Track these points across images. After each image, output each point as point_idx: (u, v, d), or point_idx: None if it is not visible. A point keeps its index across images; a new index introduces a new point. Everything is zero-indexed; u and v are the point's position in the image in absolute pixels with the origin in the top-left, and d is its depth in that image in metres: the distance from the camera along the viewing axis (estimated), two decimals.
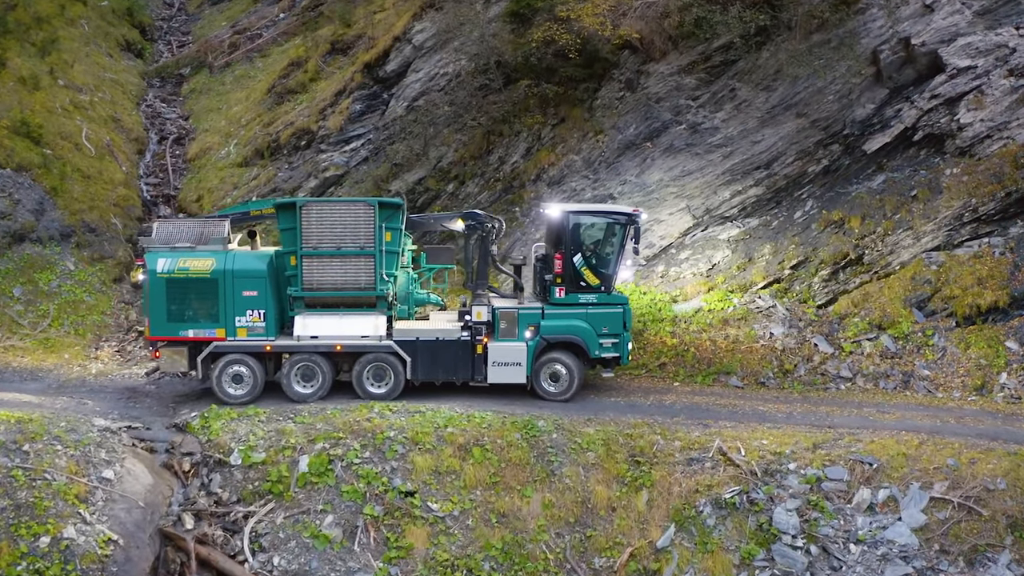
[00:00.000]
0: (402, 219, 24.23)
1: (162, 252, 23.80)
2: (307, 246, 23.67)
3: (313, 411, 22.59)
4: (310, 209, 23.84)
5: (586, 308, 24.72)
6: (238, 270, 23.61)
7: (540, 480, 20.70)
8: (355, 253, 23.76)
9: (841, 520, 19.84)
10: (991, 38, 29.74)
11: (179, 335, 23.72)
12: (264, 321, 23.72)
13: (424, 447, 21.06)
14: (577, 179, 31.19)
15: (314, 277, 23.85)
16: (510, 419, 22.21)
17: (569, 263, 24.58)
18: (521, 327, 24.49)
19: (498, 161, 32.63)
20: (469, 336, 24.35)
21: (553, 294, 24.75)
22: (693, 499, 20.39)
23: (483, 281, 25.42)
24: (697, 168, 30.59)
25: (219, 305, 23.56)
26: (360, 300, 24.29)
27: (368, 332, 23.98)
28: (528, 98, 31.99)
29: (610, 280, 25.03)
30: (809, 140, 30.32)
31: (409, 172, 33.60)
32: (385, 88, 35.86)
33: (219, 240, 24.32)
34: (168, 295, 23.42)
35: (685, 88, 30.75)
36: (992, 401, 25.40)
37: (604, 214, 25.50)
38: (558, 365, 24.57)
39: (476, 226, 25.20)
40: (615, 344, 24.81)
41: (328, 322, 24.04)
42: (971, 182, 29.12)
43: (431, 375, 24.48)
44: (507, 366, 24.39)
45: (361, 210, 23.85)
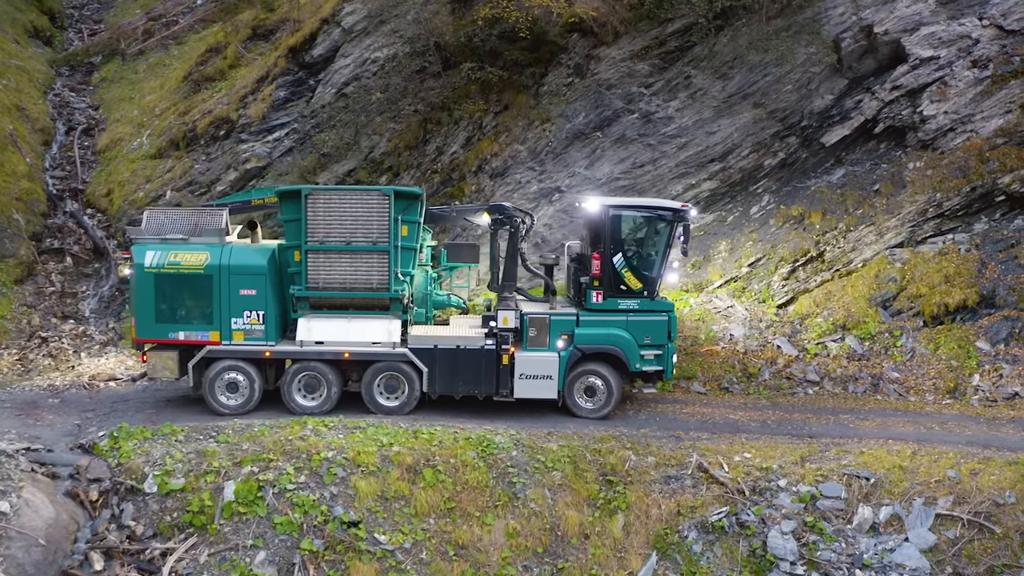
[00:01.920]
0: (420, 211, 21.15)
1: (151, 244, 21.08)
2: (313, 240, 20.72)
3: (238, 429, 19.27)
4: (317, 198, 20.81)
5: (626, 315, 21.49)
6: (235, 266, 20.82)
7: (502, 505, 17.69)
8: (367, 249, 20.77)
9: (843, 543, 17.29)
10: (954, 28, 27.81)
11: (168, 337, 20.98)
12: (263, 324, 20.93)
13: (367, 469, 17.88)
14: (522, 171, 28.31)
15: (320, 275, 20.90)
16: (463, 435, 19.17)
17: (608, 264, 21.38)
18: (553, 335, 21.35)
19: (436, 151, 29.55)
20: (494, 344, 21.24)
21: (589, 299, 21.53)
22: (675, 523, 17.66)
23: (510, 283, 22.13)
24: (650, 160, 27.97)
25: (213, 305, 20.82)
26: (372, 302, 21.34)
27: (380, 338, 21.01)
28: (469, 83, 28.92)
29: (654, 284, 21.78)
30: (766, 132, 27.95)
31: (338, 163, 30.36)
32: (311, 74, 32.46)
33: (215, 232, 21.46)
34: (157, 292, 20.73)
35: (638, 75, 28.06)
36: (968, 404, 23.41)
37: (648, 209, 22.13)
38: (594, 378, 21.45)
39: (503, 221, 21.95)
40: (658, 356, 21.59)
41: (335, 326, 21.11)
42: (935, 176, 27.05)
43: (450, 388, 21.38)
44: (536, 379, 21.24)
45: (375, 200, 20.76)
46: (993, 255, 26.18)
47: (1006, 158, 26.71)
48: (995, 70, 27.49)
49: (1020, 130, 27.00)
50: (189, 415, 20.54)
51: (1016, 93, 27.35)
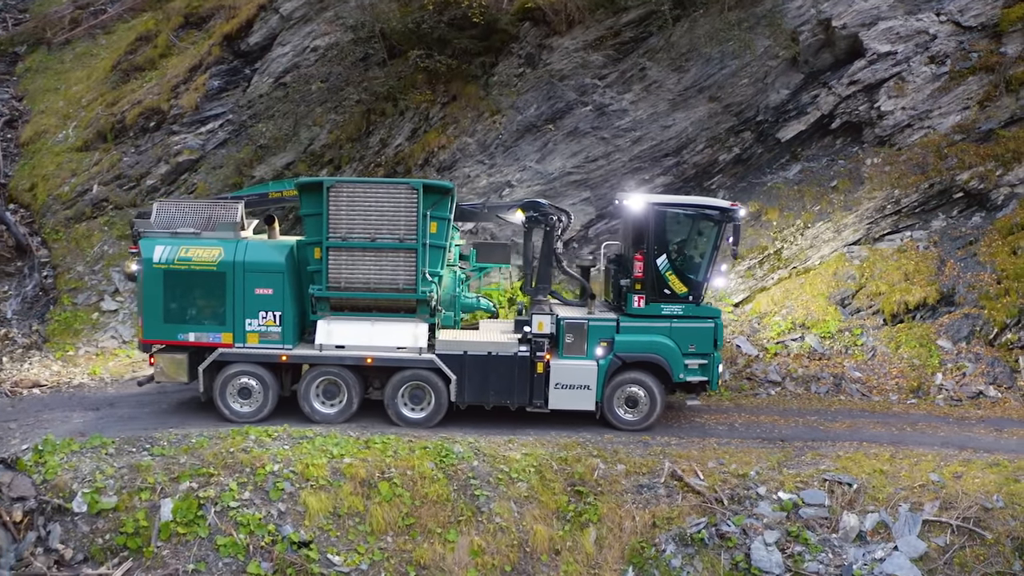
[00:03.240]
0: (451, 207, 19.26)
1: (161, 238, 19.27)
2: (335, 236, 18.87)
3: (174, 440, 17.26)
4: (340, 191, 18.88)
5: (670, 321, 19.67)
6: (250, 263, 18.96)
7: (465, 520, 16.01)
8: (393, 246, 18.92)
9: (829, 553, 15.96)
10: (912, 23, 26.74)
11: (178, 339, 19.09)
12: (280, 325, 19.06)
13: (317, 484, 16.07)
14: (471, 164, 26.52)
15: (342, 274, 19.03)
16: (418, 444, 17.43)
17: (651, 266, 19.60)
18: (591, 342, 19.52)
19: (379, 143, 27.61)
20: (528, 351, 19.37)
21: (631, 303, 19.71)
22: (651, 535, 16.16)
23: (545, 285, 20.45)
24: (603, 154, 26.36)
25: (226, 304, 18.96)
26: (397, 303, 19.42)
27: (406, 343, 19.15)
28: (416, 72, 27.06)
29: (700, 288, 19.96)
30: (721, 126, 26.56)
31: (276, 155, 28.29)
32: (248, 63, 30.39)
33: (230, 226, 19.63)
34: (166, 290, 18.89)
35: (591, 66, 26.42)
36: (934, 404, 22.47)
37: (695, 207, 20.29)
38: (636, 388, 19.64)
39: (539, 219, 20.13)
40: (703, 366, 19.77)
41: (357, 329, 19.24)
42: (893, 172, 26.04)
43: (480, 397, 19.49)
44: (573, 389, 19.40)
45: (402, 194, 18.88)
46: (952, 252, 25.22)
47: (964, 155, 25.81)
48: (953, 66, 26.51)
49: (978, 127, 26.12)
50: (120, 425, 18.52)
51: (974, 89, 26.42)
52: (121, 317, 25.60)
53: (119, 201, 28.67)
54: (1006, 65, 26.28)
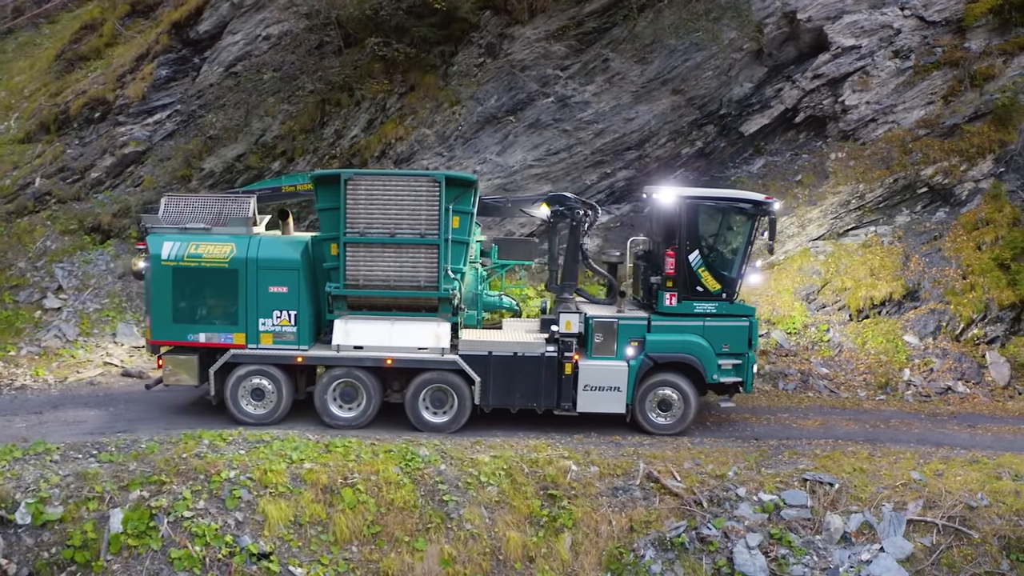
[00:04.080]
0: (474, 201, 18.05)
1: (169, 234, 18.10)
2: (353, 231, 17.71)
3: (122, 446, 15.86)
4: (358, 184, 17.71)
5: (703, 320, 18.58)
6: (264, 259, 17.83)
7: (434, 527, 14.84)
8: (414, 242, 17.78)
9: (814, 556, 15.08)
10: (876, 17, 26.13)
11: (187, 339, 17.95)
12: (295, 325, 17.94)
13: (277, 491, 14.80)
14: (429, 156, 25.39)
15: (360, 271, 17.87)
16: (382, 447, 16.24)
17: (684, 262, 18.51)
18: (621, 342, 18.39)
19: (334, 135, 26.35)
20: (556, 352, 18.22)
21: (662, 301, 18.60)
22: (629, 540, 15.16)
23: (571, 283, 19.36)
24: (565, 147, 25.40)
25: (239, 303, 17.84)
26: (418, 302, 18.29)
27: (427, 343, 18.00)
28: (373, 61, 25.86)
29: (734, 285, 18.86)
30: (684, 119, 25.72)
31: (226, 147, 26.91)
32: (197, 51, 28.89)
33: (242, 221, 18.40)
34: (175, 289, 17.74)
35: (553, 56, 25.40)
36: (903, 400, 21.92)
37: (728, 200, 19.17)
38: (668, 390, 18.55)
39: (565, 213, 19.04)
40: (737, 367, 18.73)
41: (377, 329, 18.11)
42: (858, 167, 25.37)
43: (505, 400, 18.33)
44: (602, 391, 18.25)
45: (423, 187, 17.69)
46: (917, 247, 24.64)
47: (928, 149, 25.23)
48: (917, 61, 25.91)
49: (942, 122, 25.55)
50: (65, 429, 17.19)
51: (938, 84, 25.85)
52: (65, 315, 24.07)
53: (62, 195, 27.10)
54: (970, 60, 25.76)
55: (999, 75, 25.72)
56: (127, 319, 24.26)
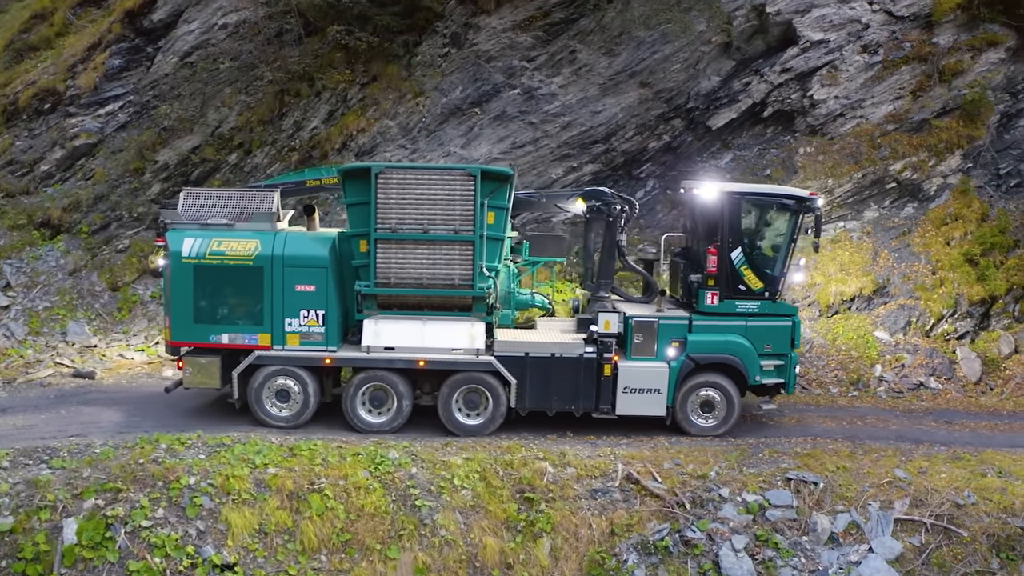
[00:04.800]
0: (509, 195, 17.15)
1: (190, 230, 17.12)
2: (383, 227, 16.87)
3: (76, 451, 14.70)
4: (389, 177, 16.81)
5: (745, 319, 17.79)
6: (290, 257, 16.91)
7: (407, 534, 13.85)
8: (447, 238, 16.92)
9: (802, 558, 14.34)
10: (845, 12, 25.47)
11: (210, 340, 17.01)
12: (323, 325, 17.01)
13: (240, 497, 13.74)
14: (392, 149, 24.38)
15: (392, 269, 17.03)
16: (349, 450, 15.22)
17: (726, 260, 17.69)
18: (661, 342, 17.56)
19: (293, 126, 25.24)
20: (595, 353, 17.29)
21: (703, 300, 17.80)
22: (611, 544, 14.29)
23: (607, 280, 18.55)
24: (531, 140, 24.50)
25: (264, 303, 16.92)
26: (451, 301, 17.44)
27: (461, 344, 17.08)
28: (334, 51, 24.75)
29: (776, 284, 18.09)
30: (651, 113, 24.91)
31: (181, 139, 25.63)
32: (150, 41, 27.50)
33: (265, 216, 17.43)
34: (196, 287, 16.81)
35: (520, 47, 24.48)
36: (876, 397, 21.42)
37: (771, 196, 18.42)
38: (710, 391, 17.76)
39: (601, 208, 18.12)
40: (779, 368, 17.99)
41: (408, 329, 17.20)
42: (827, 162, 24.69)
43: (542, 402, 17.40)
44: (642, 393, 17.39)
45: (458, 180, 16.84)
46: (886, 243, 24.11)
47: (897, 144, 24.66)
48: (886, 55, 25.30)
49: (911, 117, 25.01)
50: (14, 434, 16.08)
51: (906, 79, 25.26)
52: (13, 314, 22.74)
53: (10, 188, 25.69)
54: (939, 55, 25.21)
55: (967, 70, 25.22)
56: (78, 317, 23.06)
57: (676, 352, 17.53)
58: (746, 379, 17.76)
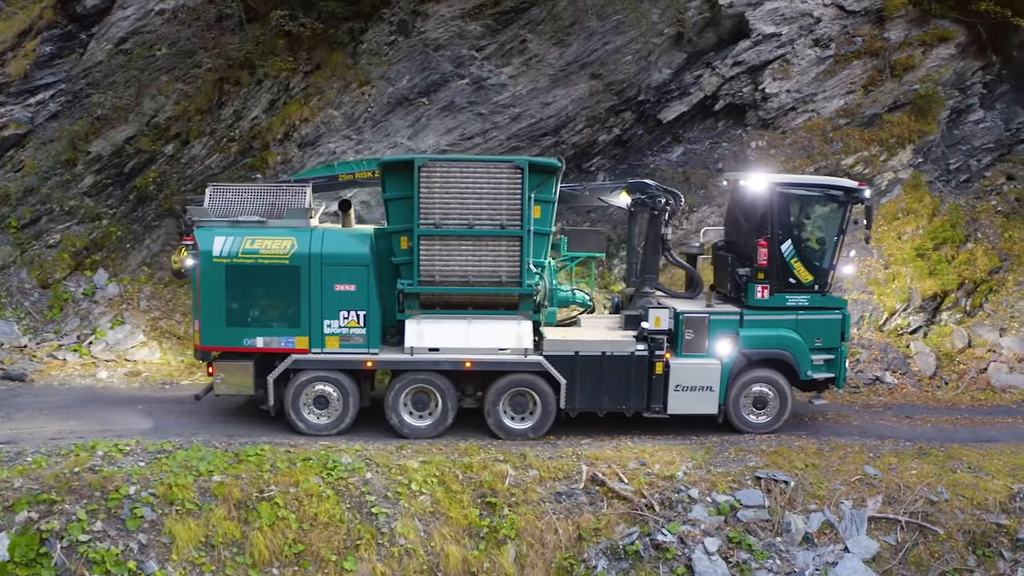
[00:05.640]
0: (555, 188, 16.20)
1: (220, 228, 15.96)
2: (427, 222, 15.81)
3: (6, 460, 13.32)
4: (433, 170, 15.75)
5: (795, 313, 17.07)
6: (330, 255, 15.81)
7: (364, 544, 12.71)
8: (494, 234, 15.90)
9: (777, 559, 13.55)
10: (797, 5, 24.75)
11: (243, 345, 15.86)
12: (365, 326, 15.91)
13: (184, 508, 12.50)
14: (336, 139, 23.07)
15: (436, 266, 15.99)
16: (299, 455, 14.00)
17: (776, 253, 16.87)
18: (713, 338, 16.72)
19: (233, 116, 23.79)
20: (646, 350, 16.40)
21: (752, 294, 16.98)
22: (579, 550, 13.33)
23: (652, 276, 17.73)
24: (480, 131, 23.36)
25: (301, 304, 15.79)
26: (496, 299, 16.43)
27: (509, 343, 16.12)
28: (276, 37, 23.37)
29: (826, 277, 17.35)
30: (602, 105, 23.89)
31: (115, 129, 24.04)
32: (84, 27, 25.81)
33: (299, 213, 16.31)
34: (228, 288, 15.67)
35: (469, 36, 23.29)
36: (833, 392, 20.04)
37: (821, 188, 17.58)
38: (763, 386, 16.98)
39: (646, 201, 17.33)
40: (828, 362, 17.26)
41: (453, 329, 16.17)
42: (779, 156, 23.93)
43: (593, 403, 16.46)
44: (694, 391, 16.54)
45: (504, 173, 15.78)
46: None
47: (849, 139, 24.01)
48: (838, 50, 24.66)
49: (862, 111, 24.41)
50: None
51: (858, 74, 24.65)
52: None
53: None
54: (890, 50, 24.65)
55: (918, 65, 24.69)
56: (7, 316, 21.70)
57: (728, 348, 16.75)
58: (797, 374, 17.08)
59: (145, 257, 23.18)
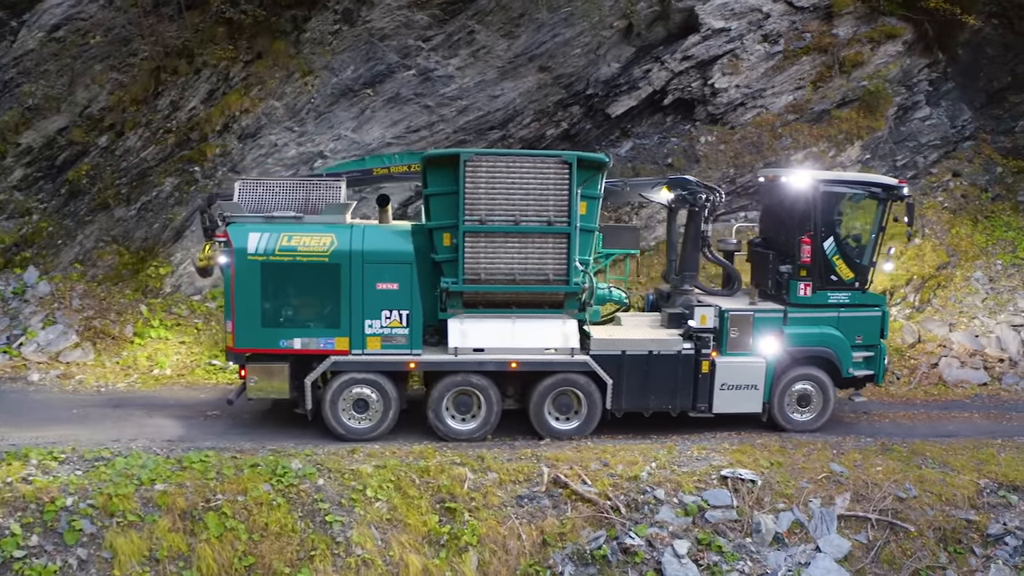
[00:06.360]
0: (601, 184, 15.44)
1: (254, 224, 14.95)
2: (472, 219, 14.93)
3: None
4: (479, 165, 14.88)
5: (837, 311, 16.62)
6: (372, 252, 14.92)
7: (319, 554, 11.70)
8: (541, 230, 15.11)
9: (748, 561, 12.89)
10: (747, 0, 23.95)
11: (280, 346, 14.89)
12: (407, 326, 15.04)
13: (125, 520, 11.38)
14: (278, 131, 21.94)
15: (481, 264, 15.13)
16: (246, 461, 12.92)
17: (819, 250, 16.45)
18: (757, 336, 16.25)
19: (170, 106, 22.47)
20: (692, 349, 15.84)
21: (794, 291, 16.51)
22: (544, 556, 12.46)
23: (692, 273, 17.22)
24: (426, 124, 22.41)
25: (341, 303, 14.87)
26: (541, 298, 15.59)
27: (555, 343, 15.38)
28: (216, 25, 22.15)
29: (867, 273, 16.92)
30: (550, 99, 23.11)
31: (47, 119, 22.68)
32: (14, 14, 24.25)
33: (336, 208, 15.34)
34: (264, 288, 14.70)
35: (416, 26, 22.28)
36: None
37: (862, 185, 17.10)
38: (807, 384, 16.59)
39: (686, 197, 16.71)
40: (868, 359, 16.84)
41: (497, 329, 15.39)
42: (728, 151, 23.41)
43: (639, 403, 15.89)
44: (739, 390, 16.09)
45: (552, 168, 14.98)
46: None
47: (798, 134, 23.56)
48: (786, 46, 24.15)
49: (811, 107, 23.93)
50: None
51: (807, 70, 24.18)
52: None
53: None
54: (838, 47, 24.20)
55: (867, 62, 24.32)
56: None
57: (772, 346, 16.33)
58: (839, 371, 16.70)
59: (78, 254, 21.79)
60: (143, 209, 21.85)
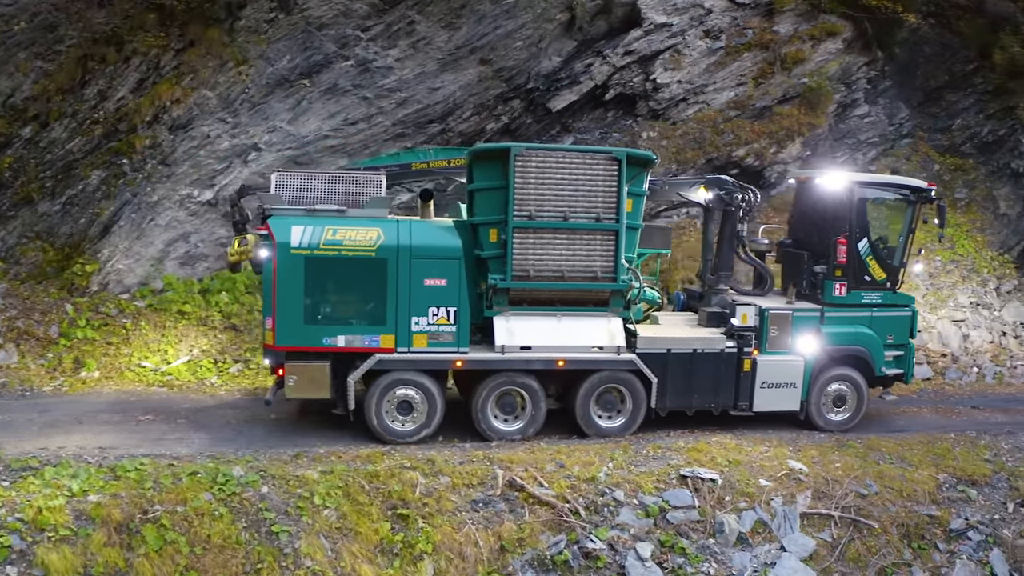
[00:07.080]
0: (646, 182, 15.27)
1: (297, 217, 14.28)
2: (521, 214, 14.47)
3: None
4: (528, 160, 14.41)
5: (870, 310, 16.77)
6: (420, 247, 14.39)
7: (266, 567, 10.80)
8: (588, 227, 14.72)
9: (713, 562, 12.45)
10: None
11: (323, 344, 14.21)
12: (455, 324, 14.54)
13: (58, 534, 10.33)
14: (211, 122, 20.81)
15: (529, 260, 14.65)
16: (185, 469, 11.94)
17: (854, 251, 16.55)
18: (796, 335, 16.27)
19: (98, 96, 21.12)
20: (735, 347, 15.84)
21: (829, 291, 16.62)
22: (503, 562, 11.78)
23: (727, 272, 17.16)
24: (364, 116, 21.57)
25: (387, 300, 14.28)
26: (588, 295, 15.18)
27: (602, 341, 15.09)
28: (146, 11, 20.91)
29: (897, 274, 17.14)
30: (490, 92, 22.47)
31: None
32: None
33: (380, 202, 14.83)
34: (307, 284, 14.02)
35: (354, 15, 21.32)
36: None
37: (895, 188, 17.37)
38: (841, 384, 16.68)
39: (723, 197, 16.63)
40: (899, 358, 17.05)
41: (544, 327, 14.97)
42: (671, 147, 22.98)
43: (683, 401, 15.82)
44: (779, 388, 16.14)
45: (601, 164, 14.62)
46: None
47: (740, 131, 23.28)
48: (728, 42, 23.84)
49: (752, 103, 23.63)
50: None
51: (748, 66, 23.90)
52: None
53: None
54: (780, 44, 23.94)
55: (807, 59, 24.11)
56: None
57: (810, 345, 16.38)
58: (872, 370, 16.80)
59: (0, 251, 20.47)
60: (69, 203, 20.57)
